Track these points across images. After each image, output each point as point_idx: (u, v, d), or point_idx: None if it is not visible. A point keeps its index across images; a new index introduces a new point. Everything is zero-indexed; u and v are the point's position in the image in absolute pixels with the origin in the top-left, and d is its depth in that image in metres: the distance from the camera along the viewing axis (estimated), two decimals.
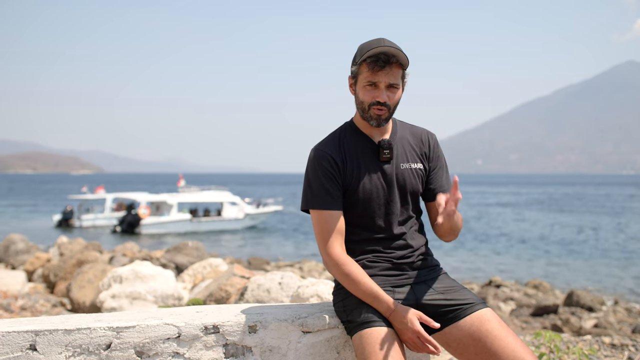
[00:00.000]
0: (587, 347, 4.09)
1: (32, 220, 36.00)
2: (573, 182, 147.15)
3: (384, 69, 1.91)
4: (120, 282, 5.64)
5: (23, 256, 12.41)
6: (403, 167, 2.04)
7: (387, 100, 1.94)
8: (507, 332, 1.82)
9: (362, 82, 1.96)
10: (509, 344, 1.79)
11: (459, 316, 1.89)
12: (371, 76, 1.92)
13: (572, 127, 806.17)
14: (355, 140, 2.04)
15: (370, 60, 1.91)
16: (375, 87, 1.94)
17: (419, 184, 2.06)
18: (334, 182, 1.97)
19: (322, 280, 3.37)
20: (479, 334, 1.83)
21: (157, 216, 29.90)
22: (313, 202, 1.97)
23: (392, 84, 1.94)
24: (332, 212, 1.95)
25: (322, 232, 1.95)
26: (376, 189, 1.99)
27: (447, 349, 1.93)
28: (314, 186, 1.97)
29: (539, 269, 18.02)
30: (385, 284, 1.95)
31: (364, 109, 1.98)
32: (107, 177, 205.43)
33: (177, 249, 10.43)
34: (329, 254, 1.93)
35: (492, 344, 1.80)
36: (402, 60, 1.92)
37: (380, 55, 1.90)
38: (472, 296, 1.95)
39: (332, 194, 1.96)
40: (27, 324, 1.77)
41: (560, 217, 38.70)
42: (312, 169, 2.00)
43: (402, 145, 2.07)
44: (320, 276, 13.77)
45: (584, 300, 10.39)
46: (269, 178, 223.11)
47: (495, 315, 1.89)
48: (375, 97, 1.94)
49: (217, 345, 1.87)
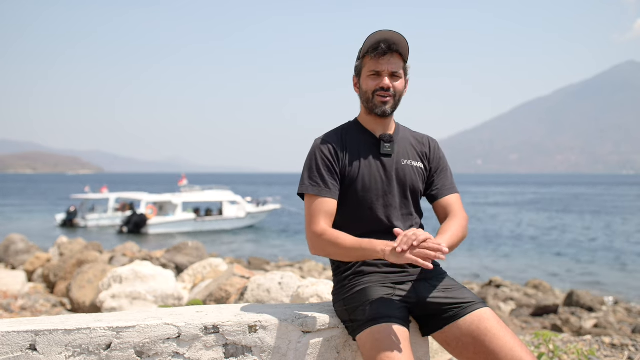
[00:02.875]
0: (587, 347, 4.09)
1: (33, 220, 35.98)
2: (573, 182, 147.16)
3: (386, 56, 1.96)
4: (120, 282, 5.64)
5: (23, 256, 12.40)
6: (404, 163, 2.06)
7: (391, 87, 1.98)
8: (506, 332, 1.82)
9: (366, 73, 2.00)
10: (508, 343, 1.78)
11: (458, 315, 1.89)
12: (374, 65, 1.97)
13: (572, 127, 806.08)
14: (358, 135, 2.08)
15: (372, 49, 1.96)
16: (379, 75, 1.98)
17: (419, 181, 2.08)
18: (330, 170, 2.00)
19: (322, 280, 3.37)
20: (477, 333, 1.83)
21: (161, 216, 29.92)
22: (307, 187, 2.00)
23: (394, 72, 1.98)
24: (324, 199, 1.97)
25: (309, 214, 1.97)
26: (375, 181, 2.01)
27: (447, 348, 1.93)
28: (309, 172, 2.02)
29: (539, 269, 18.02)
30: (386, 281, 1.95)
31: (368, 99, 2.01)
32: (107, 177, 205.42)
33: (177, 249, 10.43)
34: (312, 230, 1.95)
35: (490, 343, 1.80)
36: (403, 47, 1.96)
37: (381, 41, 1.95)
38: (472, 295, 1.95)
39: (326, 182, 1.99)
40: (27, 324, 1.77)
41: (561, 217, 38.70)
42: (311, 156, 2.04)
43: (403, 143, 2.10)
44: (320, 276, 13.78)
45: (584, 300, 10.39)
46: (269, 178, 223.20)
47: (494, 314, 1.89)
48: (378, 84, 1.98)
49: (217, 345, 1.87)
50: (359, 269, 1.99)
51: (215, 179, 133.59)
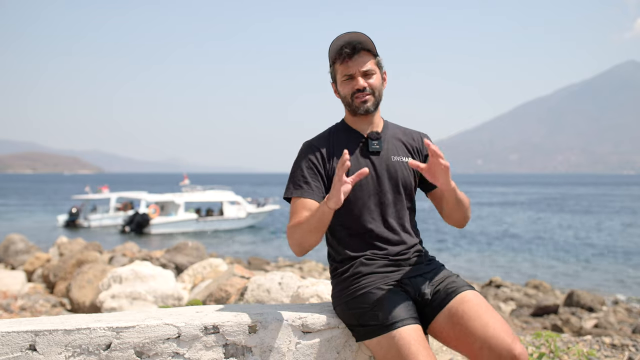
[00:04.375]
0: (587, 348, 4.09)
1: (33, 220, 35.97)
2: (573, 182, 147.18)
3: (352, 58, 1.97)
4: (120, 282, 5.64)
5: (23, 256, 12.41)
6: (394, 159, 2.06)
7: (367, 86, 1.99)
8: (484, 311, 1.77)
9: (340, 78, 2.03)
10: (482, 322, 1.74)
11: (443, 302, 1.86)
12: (345, 69, 1.99)
13: (572, 127, 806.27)
14: (346, 135, 2.08)
15: (337, 55, 1.98)
16: (352, 78, 1.99)
17: (410, 176, 2.07)
18: (314, 173, 2.01)
19: (322, 280, 3.36)
20: (457, 317, 1.80)
21: (164, 216, 29.93)
22: (290, 191, 2.02)
23: (365, 71, 1.99)
24: (305, 200, 1.98)
25: (291, 216, 1.98)
26: (365, 180, 2.01)
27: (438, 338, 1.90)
28: (294, 176, 2.04)
29: (539, 269, 18.02)
30: (388, 280, 1.94)
31: (348, 103, 2.03)
32: (107, 177, 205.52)
33: (177, 249, 10.43)
34: (287, 227, 1.96)
35: (466, 326, 1.76)
36: (366, 43, 1.97)
37: (344, 46, 1.96)
38: (461, 281, 1.92)
39: (310, 184, 2.00)
40: (26, 324, 1.76)
41: (561, 217, 38.70)
42: (297, 159, 2.07)
43: (392, 140, 2.10)
44: (320, 276, 13.78)
45: (584, 300, 10.38)
46: (269, 178, 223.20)
47: (476, 295, 1.85)
48: (353, 87, 1.99)
49: (217, 345, 1.86)
50: (357, 269, 1.97)
51: (216, 178, 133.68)
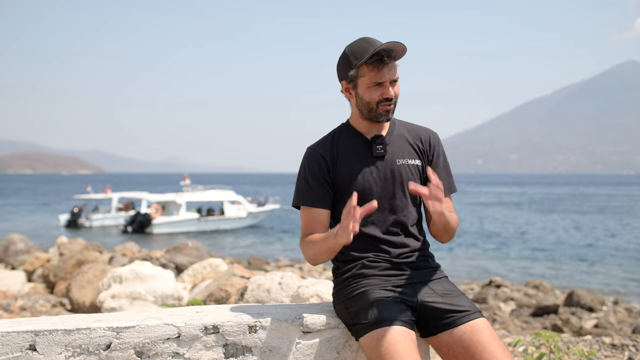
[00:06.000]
0: (588, 348, 4.09)
1: (33, 220, 35.96)
2: (573, 182, 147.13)
3: (387, 66, 1.95)
4: (120, 282, 5.64)
5: (23, 256, 12.41)
6: (399, 163, 2.04)
7: (394, 95, 2.00)
8: (497, 346, 1.83)
9: (366, 83, 1.97)
10: (496, 358, 1.79)
11: (454, 323, 1.88)
12: (376, 76, 1.95)
13: (572, 127, 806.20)
14: (350, 139, 2.06)
15: (373, 61, 1.93)
16: (381, 85, 1.97)
17: (416, 180, 2.05)
18: (320, 180, 2.01)
19: (322, 280, 3.37)
20: (469, 344, 1.84)
21: (165, 216, 29.93)
22: (299, 199, 2.04)
23: (394, 80, 1.98)
24: (315, 210, 2.00)
25: (303, 227, 2.04)
26: (369, 185, 2.00)
27: (438, 352, 1.94)
28: (300, 184, 2.05)
29: (539, 269, 18.01)
30: (387, 284, 1.94)
31: (371, 109, 1.99)
32: (107, 177, 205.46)
33: (177, 249, 10.42)
34: (300, 241, 2.04)
35: (480, 356, 1.81)
36: (401, 52, 1.96)
37: (383, 53, 1.93)
38: (470, 304, 1.95)
39: (317, 192, 2.00)
40: (26, 324, 1.77)
41: (561, 217, 38.70)
42: (302, 167, 2.07)
43: (398, 142, 2.08)
44: (320, 276, 13.77)
45: (584, 300, 10.38)
46: (270, 178, 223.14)
47: (488, 326, 1.89)
48: (383, 95, 1.97)
49: (217, 345, 1.86)
50: (359, 271, 1.98)
51: (216, 178, 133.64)
